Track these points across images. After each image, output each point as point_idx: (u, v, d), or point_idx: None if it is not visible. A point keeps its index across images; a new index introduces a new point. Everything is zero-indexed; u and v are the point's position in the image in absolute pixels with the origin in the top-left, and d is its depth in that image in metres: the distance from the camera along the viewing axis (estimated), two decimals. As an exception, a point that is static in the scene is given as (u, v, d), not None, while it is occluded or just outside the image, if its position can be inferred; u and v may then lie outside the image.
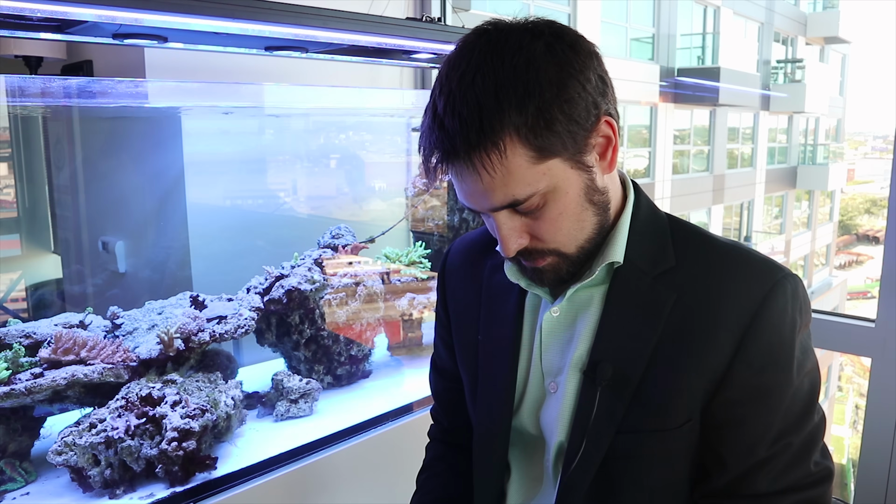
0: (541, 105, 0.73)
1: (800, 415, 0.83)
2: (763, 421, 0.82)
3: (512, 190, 0.76)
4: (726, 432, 0.83)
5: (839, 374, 16.44)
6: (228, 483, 1.40)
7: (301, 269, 1.82)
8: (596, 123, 0.78)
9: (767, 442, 0.82)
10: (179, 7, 1.31)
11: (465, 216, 2.31)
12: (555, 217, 0.80)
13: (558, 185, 0.78)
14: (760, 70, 16.41)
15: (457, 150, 0.74)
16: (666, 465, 0.85)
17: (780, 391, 0.82)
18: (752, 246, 0.92)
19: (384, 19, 1.72)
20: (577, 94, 0.75)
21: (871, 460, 1.75)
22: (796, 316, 0.82)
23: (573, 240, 0.83)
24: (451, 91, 0.74)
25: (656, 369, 0.82)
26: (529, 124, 0.73)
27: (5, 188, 2.37)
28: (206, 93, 1.95)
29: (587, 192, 0.81)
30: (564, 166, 0.77)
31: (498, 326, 0.96)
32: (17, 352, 1.38)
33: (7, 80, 1.56)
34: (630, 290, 0.85)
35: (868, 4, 32.43)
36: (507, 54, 0.74)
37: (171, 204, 2.00)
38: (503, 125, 0.73)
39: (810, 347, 0.86)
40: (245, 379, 1.71)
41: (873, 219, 20.80)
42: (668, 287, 0.83)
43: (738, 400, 0.82)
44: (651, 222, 0.89)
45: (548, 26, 0.77)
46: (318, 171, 2.46)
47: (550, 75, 0.74)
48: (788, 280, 0.83)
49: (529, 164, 0.75)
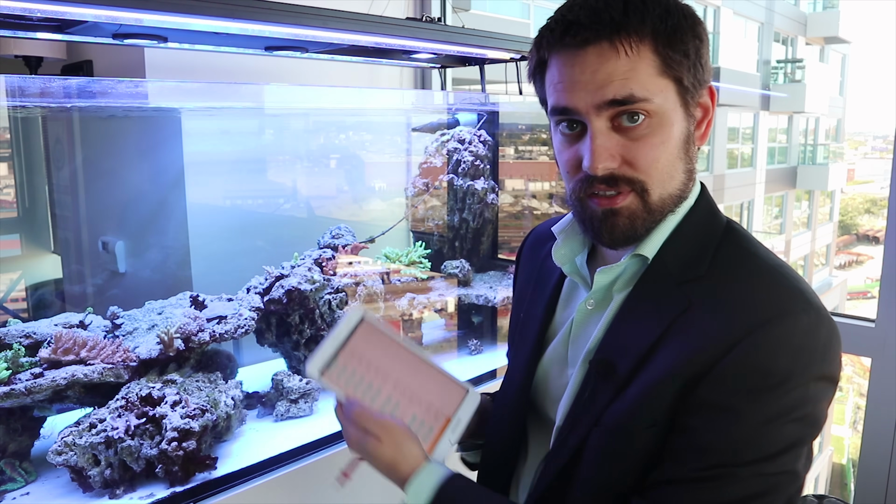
0: (678, 26, 0.78)
1: (755, 458, 0.73)
2: (707, 438, 0.75)
3: (632, 84, 0.76)
4: (673, 435, 0.77)
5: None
6: (228, 483, 1.40)
7: (301, 269, 1.82)
8: (708, 83, 0.82)
9: (704, 462, 0.74)
10: (179, 7, 1.31)
11: (465, 216, 2.31)
12: (657, 143, 0.79)
13: (668, 112, 0.79)
14: (760, 70, 16.41)
15: (596, 24, 0.76)
16: (627, 467, 0.80)
17: (739, 418, 0.73)
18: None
19: (384, 19, 1.72)
20: (706, 44, 0.81)
21: (871, 460, 1.75)
22: (798, 356, 0.74)
23: (662, 182, 0.81)
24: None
25: (645, 371, 0.79)
26: (667, 33, 0.77)
27: (5, 188, 2.37)
28: (206, 93, 1.95)
29: (686, 140, 0.82)
30: (677, 99, 0.80)
31: (535, 308, 0.98)
32: (17, 352, 1.38)
33: (7, 80, 1.56)
34: (651, 291, 0.83)
35: (868, 4, 32.46)
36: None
37: (171, 204, 2.00)
38: (643, 22, 0.76)
39: (812, 399, 0.75)
40: (245, 379, 1.71)
41: (873, 219, 20.80)
42: (686, 294, 0.80)
43: (694, 407, 0.76)
44: (702, 227, 0.85)
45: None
46: (317, 171, 2.46)
47: (689, 14, 0.80)
48: (809, 314, 0.76)
49: (653, 71, 0.77)
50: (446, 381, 0.94)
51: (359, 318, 0.93)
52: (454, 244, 2.35)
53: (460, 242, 2.34)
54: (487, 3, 10.02)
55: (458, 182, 2.30)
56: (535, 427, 0.97)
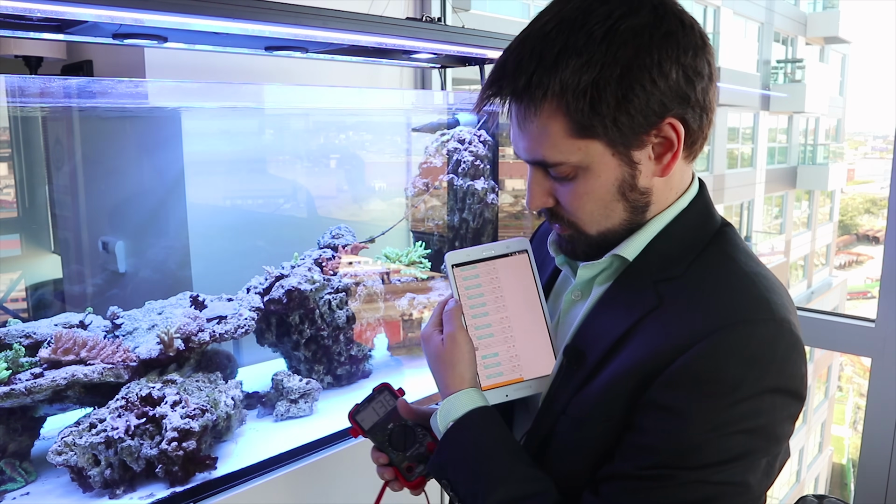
0: (596, 82, 0.71)
1: (699, 464, 0.72)
2: (652, 438, 0.74)
3: (542, 150, 0.77)
4: (625, 431, 0.78)
5: (839, 374, 16.42)
6: (228, 483, 1.40)
7: (301, 269, 1.82)
8: (657, 122, 0.74)
9: (647, 461, 0.74)
10: (179, 7, 1.31)
11: (465, 216, 2.31)
12: (580, 194, 0.79)
13: (592, 166, 0.77)
14: (760, 70, 16.40)
15: (503, 90, 0.77)
16: (585, 457, 0.81)
17: (686, 422, 0.72)
18: (769, 275, 0.82)
19: (384, 19, 1.72)
20: (641, 85, 0.72)
21: (871, 460, 1.75)
22: (751, 367, 0.72)
23: (594, 224, 0.82)
24: (529, 34, 0.75)
25: (610, 364, 0.80)
26: (574, 95, 0.72)
27: (5, 188, 2.37)
28: (206, 93, 1.95)
29: (622, 187, 0.79)
30: (604, 151, 0.76)
31: None
32: (17, 352, 1.38)
33: (7, 80, 1.56)
34: (627, 287, 0.84)
35: (868, 4, 32.44)
36: (592, 19, 0.72)
37: (171, 204, 2.00)
38: (550, 85, 0.72)
39: (765, 412, 0.73)
40: (245, 379, 1.71)
41: (873, 219, 20.79)
42: (659, 292, 0.80)
43: (644, 406, 0.75)
44: (692, 229, 0.84)
45: (655, 5, 0.74)
46: (318, 171, 2.46)
47: (621, 57, 0.71)
48: (766, 325, 0.74)
49: (566, 134, 0.75)
50: (548, 349, 0.93)
51: (521, 248, 0.94)
52: (454, 244, 2.35)
53: (460, 242, 2.34)
54: (487, 3, 10.01)
55: (458, 182, 2.30)
56: (520, 414, 0.99)
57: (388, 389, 0.96)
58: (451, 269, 0.92)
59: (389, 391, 0.96)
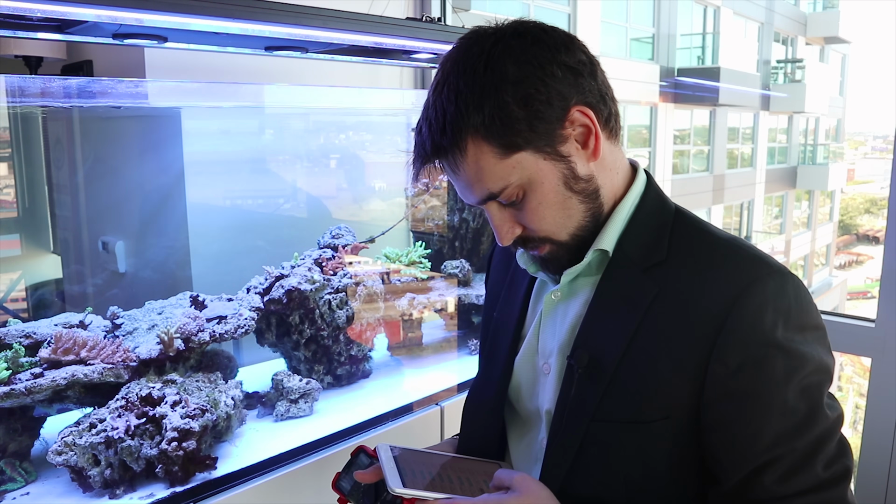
0: (497, 103, 0.77)
1: (802, 419, 0.78)
2: (751, 423, 0.78)
3: (486, 184, 0.82)
4: (716, 435, 0.81)
5: (839, 374, 16.43)
6: (228, 483, 1.40)
7: (301, 269, 1.82)
8: (565, 114, 0.80)
9: (764, 446, 0.78)
10: (179, 7, 1.31)
11: (465, 216, 2.31)
12: (535, 207, 0.84)
13: (531, 176, 0.81)
14: (760, 70, 16.41)
15: (427, 153, 0.82)
16: (639, 459, 0.82)
17: (764, 394, 0.78)
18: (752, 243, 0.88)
19: (384, 19, 1.72)
20: (536, 88, 0.78)
21: (871, 460, 1.75)
22: (778, 316, 0.78)
23: (562, 228, 0.86)
24: (428, 101, 0.82)
25: (632, 361, 0.82)
26: (487, 123, 0.78)
27: (5, 188, 2.37)
28: (206, 93, 1.95)
29: (566, 182, 0.83)
30: (535, 158, 0.81)
31: (509, 306, 1.02)
32: (17, 352, 1.38)
33: (7, 80, 1.56)
34: (617, 281, 0.86)
35: (868, 4, 32.45)
36: (469, 60, 0.79)
37: (171, 204, 2.00)
38: (465, 127, 0.78)
39: (807, 350, 0.80)
40: (245, 379, 1.71)
41: (873, 219, 20.80)
42: (653, 280, 0.83)
43: (718, 401, 0.79)
44: (654, 214, 0.89)
45: (514, 27, 0.82)
46: (318, 170, 2.46)
47: (507, 74, 0.78)
48: (773, 277, 0.80)
49: (496, 159, 0.80)
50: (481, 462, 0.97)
51: (388, 448, 0.94)
52: (454, 244, 2.35)
53: (460, 242, 2.34)
54: (487, 3, 10.01)
55: (458, 182, 2.29)
56: (512, 421, 0.99)
57: (363, 452, 0.96)
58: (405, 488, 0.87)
59: (365, 453, 0.96)
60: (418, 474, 0.91)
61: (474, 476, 0.94)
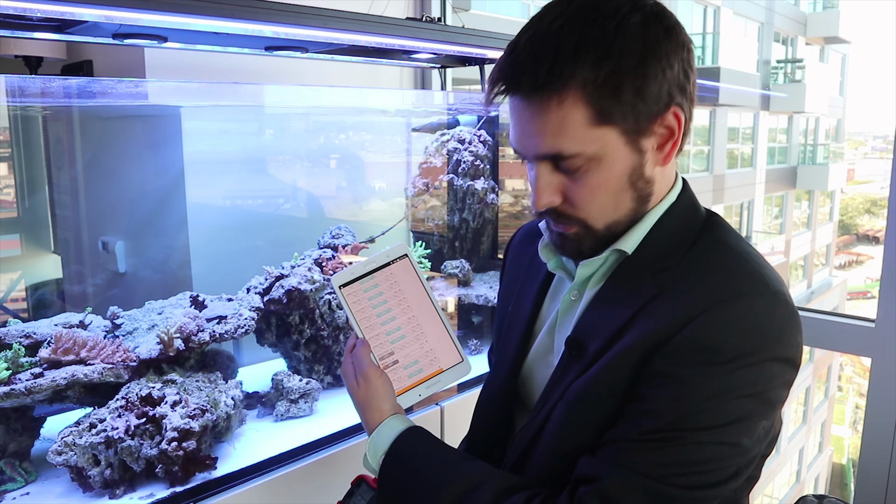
0: (616, 70, 0.75)
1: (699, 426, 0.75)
2: (656, 404, 0.77)
3: (560, 142, 0.78)
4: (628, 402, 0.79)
5: (839, 374, 16.44)
6: (228, 483, 1.40)
7: (301, 269, 1.82)
8: (664, 111, 0.79)
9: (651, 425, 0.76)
10: (179, 7, 1.31)
11: (465, 216, 2.31)
12: (593, 186, 0.81)
13: (607, 155, 0.79)
14: (760, 70, 16.41)
15: (522, 84, 0.77)
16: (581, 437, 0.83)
17: (687, 388, 0.76)
18: (758, 253, 0.87)
19: (384, 19, 1.72)
20: (654, 74, 0.76)
21: (871, 460, 1.75)
22: (754, 334, 0.76)
23: (604, 215, 0.84)
24: (538, 31, 0.77)
25: (612, 353, 0.82)
26: (599, 83, 0.75)
27: (5, 188, 2.37)
28: (206, 93, 1.95)
29: (632, 175, 0.82)
30: (619, 140, 0.79)
31: (524, 302, 1.02)
32: (17, 352, 1.38)
33: (7, 80, 1.56)
34: (625, 280, 0.86)
35: (868, 4, 32.44)
36: (601, 15, 0.75)
37: (171, 204, 2.00)
38: (573, 76, 0.75)
39: (764, 379, 0.76)
40: (245, 379, 1.71)
41: (873, 219, 20.80)
42: (657, 282, 0.83)
43: (648, 377, 0.78)
44: (683, 222, 0.88)
45: (652, 4, 0.79)
46: (318, 170, 2.46)
47: (635, 47, 0.75)
48: (764, 297, 0.78)
49: (586, 123, 0.77)
50: (451, 341, 1.00)
51: (403, 253, 0.99)
52: (454, 244, 2.35)
53: (460, 242, 2.34)
54: (487, 3, 10.02)
55: (458, 182, 2.30)
56: (520, 416, 1.00)
57: (364, 482, 0.96)
58: (339, 289, 0.96)
59: (366, 483, 0.96)
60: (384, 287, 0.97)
61: (422, 337, 0.98)
